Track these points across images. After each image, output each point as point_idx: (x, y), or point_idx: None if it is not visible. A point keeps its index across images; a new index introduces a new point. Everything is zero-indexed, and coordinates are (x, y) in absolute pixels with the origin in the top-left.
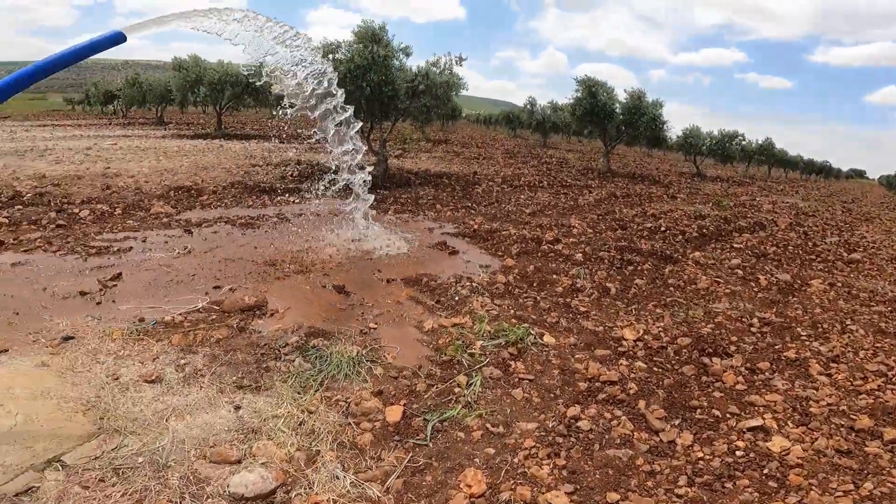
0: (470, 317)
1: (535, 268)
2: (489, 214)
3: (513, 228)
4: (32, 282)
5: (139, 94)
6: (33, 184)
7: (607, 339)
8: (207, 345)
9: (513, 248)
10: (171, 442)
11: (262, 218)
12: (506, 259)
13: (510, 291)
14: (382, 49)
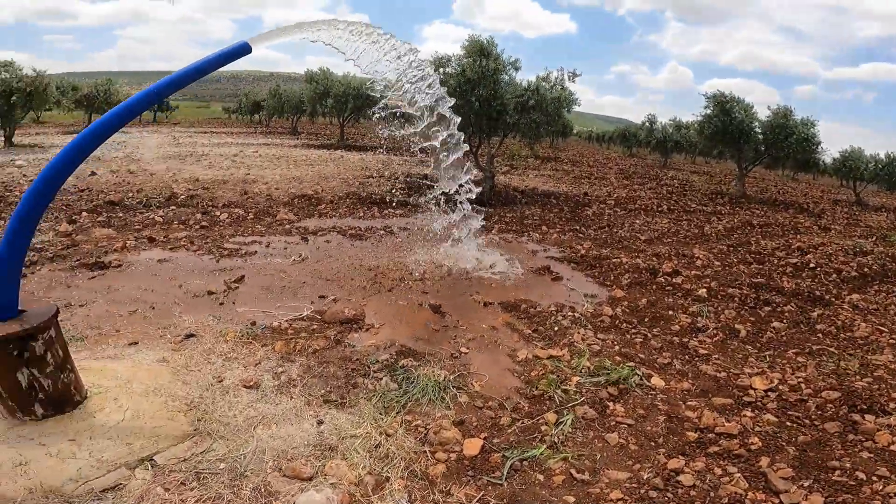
0: (569, 350)
1: (648, 301)
2: (599, 239)
3: (625, 256)
4: (171, 278)
5: (279, 104)
6: (188, 186)
7: (730, 386)
8: (305, 354)
9: (623, 277)
10: (253, 451)
11: (370, 230)
12: (614, 290)
13: (617, 326)
14: (492, 63)
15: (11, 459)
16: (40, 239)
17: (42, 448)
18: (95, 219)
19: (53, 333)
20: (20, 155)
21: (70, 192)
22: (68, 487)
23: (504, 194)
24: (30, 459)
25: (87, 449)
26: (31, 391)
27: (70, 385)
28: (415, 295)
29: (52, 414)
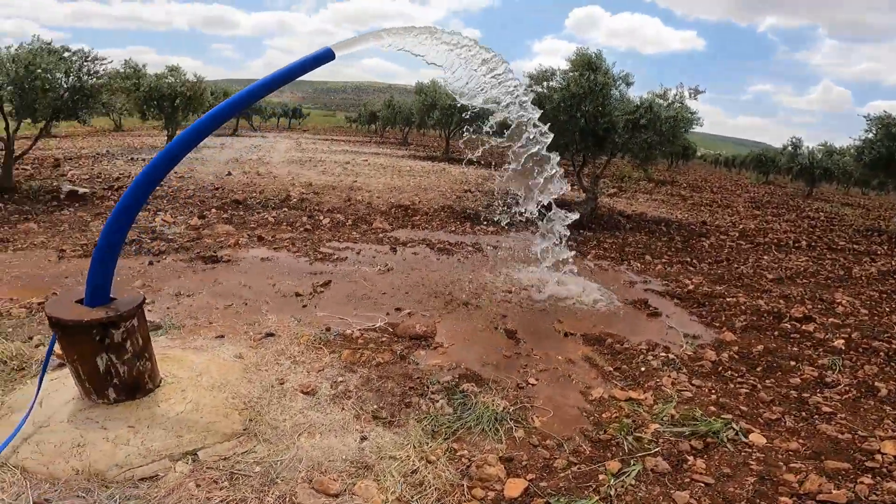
0: (653, 394)
1: (765, 348)
2: (713, 274)
3: (743, 296)
4: (269, 277)
5: (392, 115)
6: (301, 190)
7: (852, 449)
8: (368, 366)
9: (738, 319)
10: (291, 459)
11: (459, 245)
12: (724, 332)
13: (719, 373)
14: (600, 77)
15: (73, 440)
16: (174, 231)
17: (102, 432)
18: (221, 216)
19: (136, 323)
20: None
21: (207, 189)
22: (112, 473)
23: (607, 218)
24: (88, 442)
25: (141, 437)
26: (107, 376)
27: (145, 373)
28: (492, 317)
29: (124, 399)
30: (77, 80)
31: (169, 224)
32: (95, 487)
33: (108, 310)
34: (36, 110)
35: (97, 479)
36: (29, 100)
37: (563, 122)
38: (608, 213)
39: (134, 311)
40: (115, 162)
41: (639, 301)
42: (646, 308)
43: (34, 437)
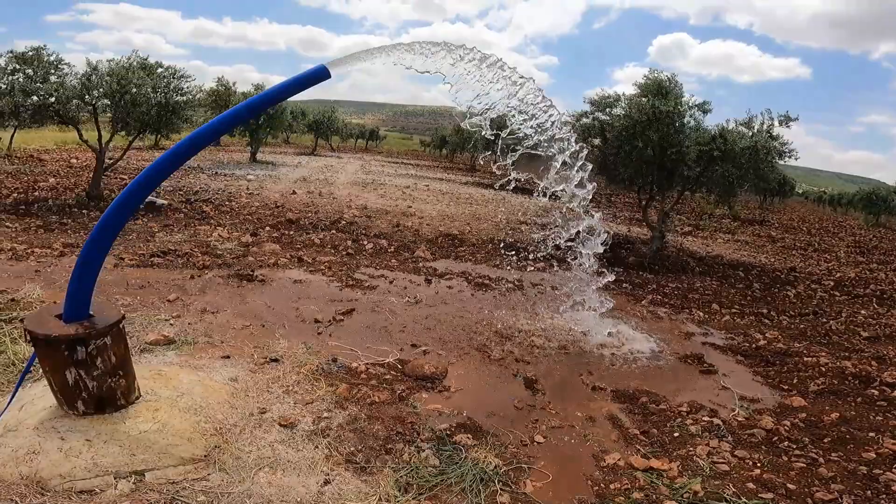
0: (680, 465)
1: (840, 417)
2: (793, 329)
3: (826, 355)
4: (296, 299)
5: (461, 140)
6: (355, 213)
7: None
8: (360, 404)
9: (814, 382)
10: (241, 493)
11: (499, 280)
12: (792, 396)
13: (773, 443)
14: (669, 103)
15: (30, 446)
16: (225, 246)
17: (60, 442)
18: (272, 234)
19: (109, 341)
20: (256, 170)
21: (269, 207)
22: (54, 482)
23: (674, 259)
24: (43, 450)
25: (94, 451)
26: (76, 389)
27: (117, 389)
28: (514, 363)
29: (92, 413)
30: (164, 97)
31: (223, 240)
32: (31, 494)
33: (79, 327)
34: (128, 123)
35: (37, 486)
36: (122, 113)
37: (625, 152)
38: (676, 254)
39: (106, 330)
40: (200, 176)
41: (692, 356)
42: (699, 364)
43: (3, 438)
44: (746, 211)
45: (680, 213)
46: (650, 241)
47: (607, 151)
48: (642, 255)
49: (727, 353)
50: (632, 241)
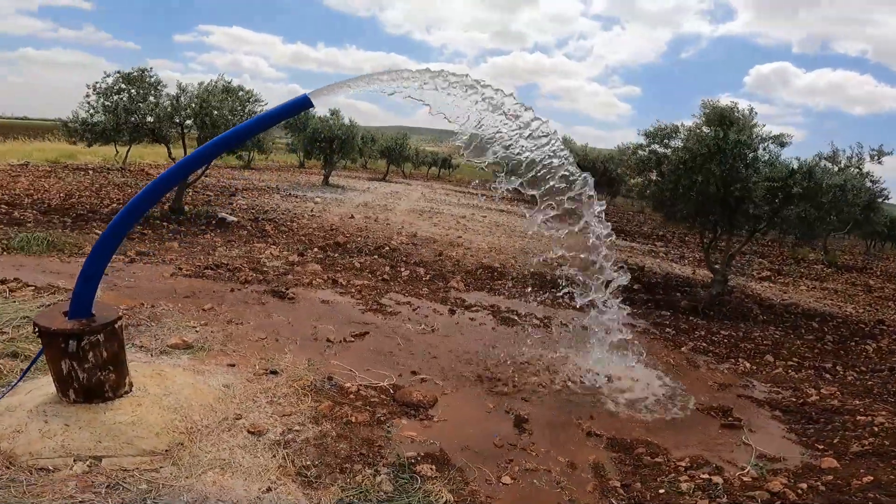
0: None
1: (874, 480)
2: (857, 386)
3: (886, 414)
4: (316, 319)
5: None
6: (402, 240)
7: None
8: (336, 422)
9: (858, 442)
10: (181, 487)
11: (526, 316)
12: (825, 457)
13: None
14: (732, 134)
15: (18, 425)
16: (272, 264)
17: (43, 424)
18: (317, 255)
19: (102, 338)
20: (325, 193)
21: (325, 229)
22: (23, 458)
23: (735, 305)
24: (27, 429)
25: (67, 435)
26: (68, 378)
27: (105, 383)
28: (511, 400)
29: (81, 402)
30: (239, 119)
31: (273, 258)
32: (1, 467)
33: (77, 323)
34: None
35: (7, 460)
36: (206, 133)
37: (685, 187)
38: (740, 299)
39: (99, 328)
40: (274, 196)
41: (718, 408)
42: (723, 416)
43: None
44: (848, 257)
45: (762, 257)
46: (711, 284)
47: (664, 186)
48: (698, 300)
49: (764, 406)
50: (693, 283)
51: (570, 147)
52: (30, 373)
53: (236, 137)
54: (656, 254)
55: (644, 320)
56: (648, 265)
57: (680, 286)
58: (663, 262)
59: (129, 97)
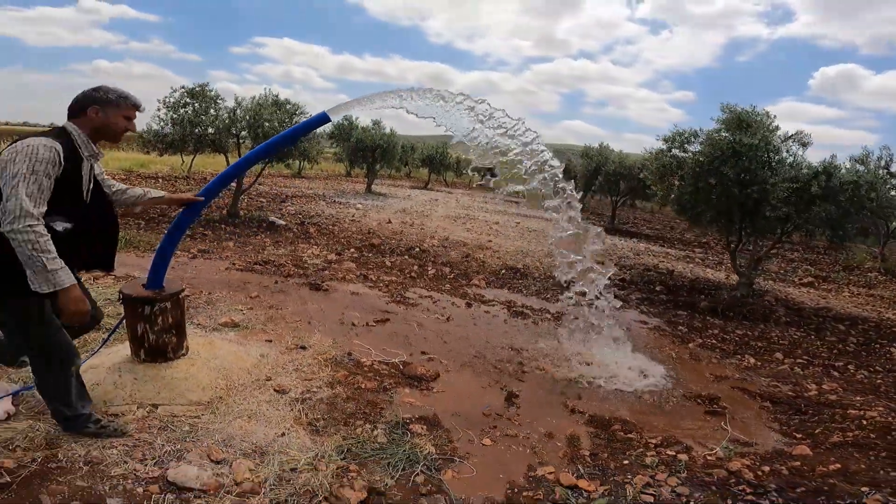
0: (608, 489)
1: (842, 468)
2: (865, 384)
3: (882, 410)
4: (345, 308)
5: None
6: (434, 242)
7: None
8: (348, 387)
9: (841, 434)
10: (216, 429)
11: (540, 311)
12: (800, 446)
13: (726, 485)
14: (754, 136)
15: (98, 379)
16: (312, 262)
17: (117, 377)
18: (353, 255)
19: (168, 306)
20: (367, 201)
21: (362, 232)
22: (99, 405)
23: (759, 307)
24: (104, 382)
25: (135, 387)
26: (142, 339)
27: (168, 345)
28: (508, 379)
29: (149, 361)
30: None
31: (314, 256)
32: None
33: (151, 292)
34: None
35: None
36: (259, 143)
37: (701, 190)
38: (769, 302)
39: (167, 298)
40: (320, 203)
41: (706, 396)
42: (709, 404)
43: (85, 374)
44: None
45: (812, 264)
46: (735, 287)
47: (683, 191)
48: (718, 301)
49: (755, 398)
50: (721, 287)
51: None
52: (110, 342)
53: (265, 152)
54: (691, 259)
55: (658, 318)
56: (679, 270)
57: (706, 289)
58: (697, 268)
59: (194, 110)
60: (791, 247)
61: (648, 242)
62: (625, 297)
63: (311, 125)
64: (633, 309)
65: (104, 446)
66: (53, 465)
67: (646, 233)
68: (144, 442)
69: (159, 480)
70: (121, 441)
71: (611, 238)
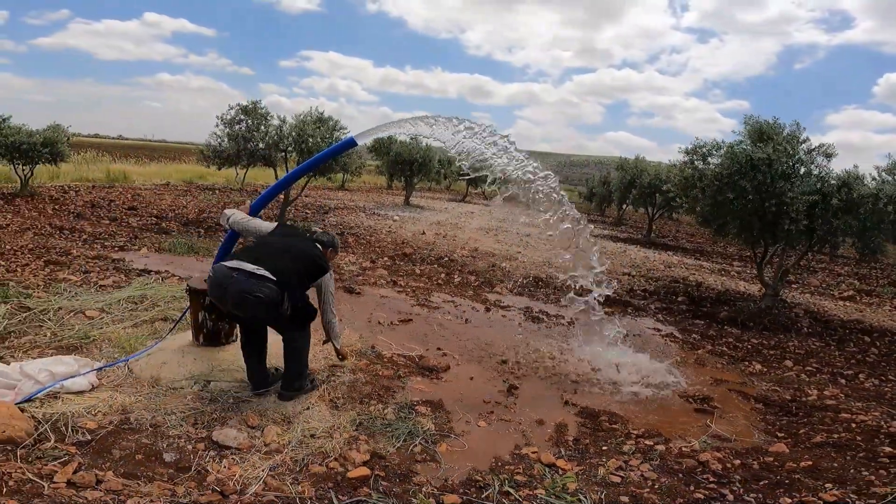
0: (582, 470)
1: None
2: (870, 391)
3: (876, 416)
4: (374, 309)
5: (606, 192)
6: (462, 253)
7: None
8: (367, 374)
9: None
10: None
11: (556, 317)
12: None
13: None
14: (767, 149)
15: (164, 359)
16: (349, 269)
17: (180, 358)
18: (385, 263)
19: None
20: (404, 213)
21: (397, 243)
22: (164, 381)
23: (783, 318)
24: (168, 361)
25: (193, 366)
26: (202, 326)
27: (221, 331)
28: (512, 374)
29: (206, 345)
30: (327, 144)
31: (350, 263)
32: (148, 386)
33: None
34: None
35: (154, 382)
36: (303, 157)
37: (719, 203)
38: (795, 314)
39: None
40: (360, 214)
41: (698, 396)
42: (702, 403)
43: (155, 355)
44: None
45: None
46: (760, 299)
47: (704, 203)
48: (739, 311)
49: (749, 399)
50: (749, 299)
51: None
52: (176, 330)
53: (303, 171)
54: (727, 272)
55: (673, 326)
56: (710, 282)
57: (732, 300)
58: (730, 280)
59: (247, 127)
60: (843, 261)
61: (684, 256)
62: (643, 307)
63: (340, 149)
64: (649, 317)
65: (166, 412)
66: (125, 427)
67: (684, 246)
68: (197, 410)
69: (206, 440)
70: (179, 409)
71: (644, 251)
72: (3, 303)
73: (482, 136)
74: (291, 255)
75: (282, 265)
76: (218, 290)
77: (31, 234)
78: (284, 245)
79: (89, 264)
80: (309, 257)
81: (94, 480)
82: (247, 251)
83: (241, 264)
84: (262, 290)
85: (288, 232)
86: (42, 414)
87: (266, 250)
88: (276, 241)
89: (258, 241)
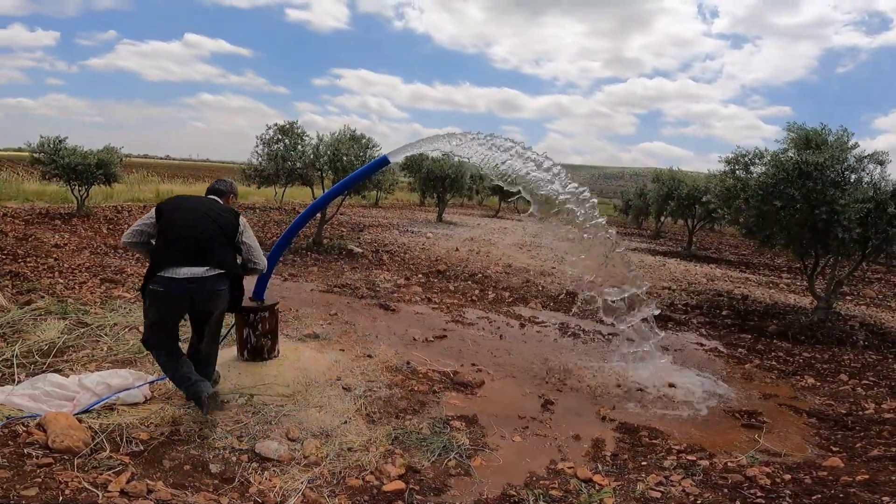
0: (620, 485)
1: (869, 479)
2: None
3: None
4: (409, 325)
5: (644, 205)
6: (497, 269)
7: None
8: (403, 389)
9: (882, 448)
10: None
11: (591, 332)
12: (834, 457)
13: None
14: (814, 156)
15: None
16: (383, 285)
17: (226, 372)
18: (420, 280)
19: (266, 315)
20: (437, 229)
21: (431, 259)
22: None
23: (836, 331)
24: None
25: (238, 379)
26: (246, 342)
27: (264, 347)
28: (548, 389)
29: (250, 360)
30: (361, 163)
31: (385, 280)
32: None
33: (255, 303)
34: None
35: None
36: (339, 176)
37: (764, 213)
38: (850, 327)
39: (266, 308)
40: (393, 232)
41: (745, 412)
42: (748, 418)
43: None
44: None
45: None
46: (813, 311)
47: (749, 214)
48: (789, 325)
49: (801, 414)
50: (799, 312)
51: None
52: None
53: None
54: (775, 285)
55: (718, 341)
56: (757, 295)
57: (781, 313)
58: (778, 293)
59: (284, 147)
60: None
61: (728, 268)
62: (685, 321)
63: (373, 168)
64: (692, 332)
65: (214, 425)
66: (175, 438)
67: (728, 258)
68: (241, 423)
69: (249, 452)
70: (225, 421)
71: (684, 264)
72: (62, 318)
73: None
74: (206, 233)
75: (208, 247)
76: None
77: (88, 252)
78: (191, 227)
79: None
80: (218, 221)
81: (145, 490)
82: (168, 254)
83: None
84: (220, 282)
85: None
86: (98, 425)
87: (185, 245)
88: (180, 229)
89: (165, 240)
